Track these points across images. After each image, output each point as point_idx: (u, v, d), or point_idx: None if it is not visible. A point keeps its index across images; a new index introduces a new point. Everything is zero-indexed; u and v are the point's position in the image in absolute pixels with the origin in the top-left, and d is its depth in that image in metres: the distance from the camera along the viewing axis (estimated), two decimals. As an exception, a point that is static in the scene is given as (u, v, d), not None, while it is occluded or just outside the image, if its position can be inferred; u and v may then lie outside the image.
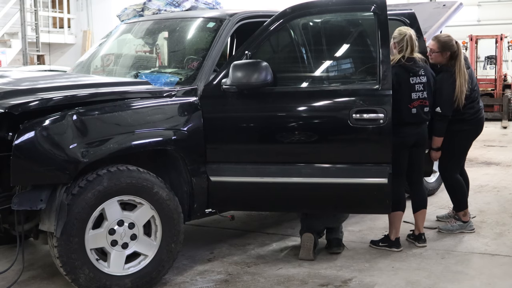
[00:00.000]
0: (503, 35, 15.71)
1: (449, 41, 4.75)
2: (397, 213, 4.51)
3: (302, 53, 4.52)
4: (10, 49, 13.33)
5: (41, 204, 3.42)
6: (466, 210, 5.05)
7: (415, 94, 4.40)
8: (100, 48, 5.10)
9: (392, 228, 4.58)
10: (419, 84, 4.42)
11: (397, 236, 4.58)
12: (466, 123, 4.82)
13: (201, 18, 4.63)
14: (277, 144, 4.07)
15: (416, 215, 4.71)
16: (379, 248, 4.59)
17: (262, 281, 4.00)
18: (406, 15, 5.08)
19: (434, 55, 4.79)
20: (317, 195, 4.09)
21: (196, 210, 4.06)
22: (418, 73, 4.42)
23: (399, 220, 4.57)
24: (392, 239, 4.58)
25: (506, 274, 4.13)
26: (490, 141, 10.72)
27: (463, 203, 5.05)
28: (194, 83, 4.04)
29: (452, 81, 4.67)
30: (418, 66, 4.43)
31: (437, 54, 4.77)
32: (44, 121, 3.38)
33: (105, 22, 13.40)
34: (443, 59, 4.77)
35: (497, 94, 15.29)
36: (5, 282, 3.83)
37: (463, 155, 5.06)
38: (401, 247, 4.56)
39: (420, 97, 4.42)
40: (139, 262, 3.75)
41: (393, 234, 4.58)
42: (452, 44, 4.75)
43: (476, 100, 4.88)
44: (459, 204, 5.06)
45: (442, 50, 4.74)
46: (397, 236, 4.57)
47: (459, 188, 5.03)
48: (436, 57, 4.79)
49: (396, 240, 4.57)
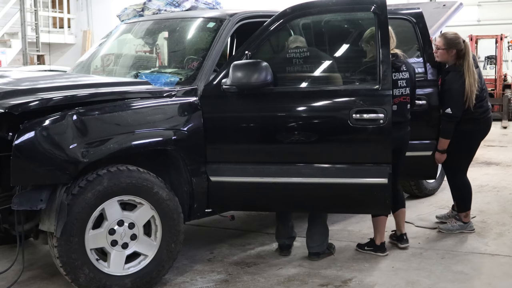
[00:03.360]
0: (503, 35, 15.73)
1: (455, 38, 4.71)
2: (381, 217, 4.45)
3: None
4: (10, 49, 13.34)
5: (41, 204, 3.42)
6: (468, 212, 5.02)
7: (398, 90, 4.35)
8: (100, 48, 5.10)
9: (377, 232, 4.50)
10: (401, 80, 4.38)
11: (382, 240, 4.49)
12: (475, 123, 4.75)
13: (201, 18, 4.63)
14: (277, 144, 4.07)
15: (396, 215, 4.64)
16: (365, 252, 4.51)
17: (262, 281, 4.00)
18: (413, 15, 5.08)
19: (440, 52, 4.75)
20: (317, 195, 4.08)
21: (196, 210, 4.06)
22: (400, 68, 4.39)
23: (383, 224, 4.49)
24: (377, 243, 4.49)
25: (506, 274, 4.13)
26: (490, 141, 10.71)
27: (467, 205, 5.00)
28: (194, 83, 4.04)
29: (462, 81, 4.61)
30: (400, 62, 4.41)
31: (442, 52, 4.74)
32: (44, 121, 3.38)
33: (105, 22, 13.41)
34: (449, 57, 4.73)
35: (497, 94, 15.30)
36: (5, 282, 3.83)
37: (471, 156, 4.97)
38: (386, 251, 4.49)
39: (403, 94, 4.38)
40: (139, 262, 3.75)
41: (378, 238, 4.49)
42: (458, 42, 4.70)
43: (485, 100, 4.81)
44: (463, 205, 5.00)
45: (448, 47, 4.71)
46: (382, 240, 4.49)
47: (466, 191, 4.97)
48: (442, 55, 4.75)
49: (382, 245, 4.49)
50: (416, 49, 5.17)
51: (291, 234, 4.51)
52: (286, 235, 4.48)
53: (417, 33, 5.06)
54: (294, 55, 4.17)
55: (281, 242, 4.50)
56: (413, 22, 5.05)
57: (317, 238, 4.36)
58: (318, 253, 4.36)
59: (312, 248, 4.36)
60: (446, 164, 4.98)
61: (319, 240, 4.36)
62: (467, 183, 4.98)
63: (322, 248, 4.38)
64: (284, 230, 4.48)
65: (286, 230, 4.48)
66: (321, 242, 4.37)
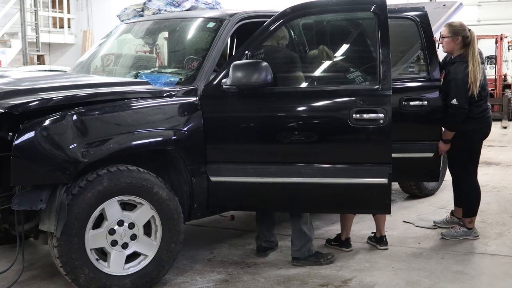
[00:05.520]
0: (503, 35, 15.72)
1: (460, 25, 4.72)
2: (349, 215, 4.58)
3: (302, 53, 4.53)
4: (10, 49, 13.34)
5: (41, 204, 3.42)
6: (473, 218, 4.93)
7: None
8: (100, 48, 5.10)
9: (343, 229, 4.62)
10: None
11: (348, 236, 4.61)
12: (473, 123, 4.70)
13: (201, 18, 4.63)
14: (277, 144, 4.07)
15: (376, 217, 4.67)
16: (331, 246, 4.63)
17: (262, 281, 4.00)
18: (419, 16, 5.08)
19: (446, 41, 4.74)
20: (317, 195, 4.08)
21: (196, 210, 4.06)
22: None
23: (350, 221, 4.61)
24: (342, 239, 4.61)
25: (506, 274, 4.13)
26: (490, 141, 10.70)
27: (474, 211, 4.91)
28: (194, 83, 4.04)
29: (467, 72, 4.59)
30: None
31: (448, 40, 4.72)
32: (44, 121, 3.38)
33: (105, 22, 13.40)
34: (455, 45, 4.72)
35: (497, 94, 15.30)
36: (5, 282, 3.83)
37: (476, 158, 4.87)
38: (351, 247, 4.59)
39: None
40: (139, 262, 3.75)
41: (344, 234, 4.62)
42: (463, 29, 4.70)
43: (484, 100, 4.78)
44: (470, 211, 4.91)
45: (454, 35, 4.70)
46: (347, 236, 4.61)
47: (475, 195, 4.90)
48: (447, 43, 4.74)
49: (346, 240, 4.60)
50: (419, 49, 5.16)
51: (269, 238, 4.54)
52: (263, 238, 4.53)
53: (421, 33, 5.06)
54: None
55: (258, 243, 4.56)
56: (418, 22, 5.04)
57: (295, 243, 4.31)
58: (297, 258, 4.29)
59: (292, 253, 4.34)
60: (454, 169, 4.96)
61: (297, 245, 4.28)
62: (477, 187, 4.89)
63: (302, 254, 4.28)
64: (261, 232, 4.54)
65: (263, 233, 4.53)
66: (299, 248, 4.28)
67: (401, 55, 5.39)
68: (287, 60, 4.36)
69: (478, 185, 4.91)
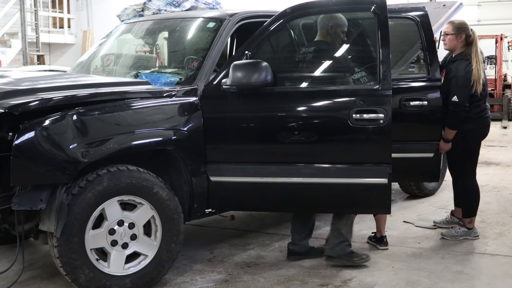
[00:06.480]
0: (503, 35, 15.73)
1: (463, 24, 4.72)
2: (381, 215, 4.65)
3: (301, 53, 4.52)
4: (10, 49, 13.34)
5: (41, 204, 3.42)
6: (473, 218, 4.93)
7: None
8: (100, 48, 5.10)
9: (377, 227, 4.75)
10: None
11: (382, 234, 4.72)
12: (472, 122, 4.69)
13: (201, 18, 4.63)
14: (277, 144, 4.07)
15: (377, 218, 4.68)
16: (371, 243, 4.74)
17: (262, 281, 4.00)
18: (419, 16, 5.07)
19: (449, 38, 4.73)
20: (317, 195, 4.08)
21: (196, 210, 4.06)
22: None
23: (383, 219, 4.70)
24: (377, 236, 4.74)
25: (506, 274, 4.13)
26: (490, 141, 10.72)
27: (474, 211, 4.91)
28: (194, 83, 4.04)
29: (468, 69, 4.59)
30: None
31: (451, 37, 4.71)
32: (44, 121, 3.38)
33: (105, 22, 13.41)
34: (458, 43, 4.71)
35: (497, 94, 15.30)
36: (5, 282, 3.83)
37: (475, 158, 4.86)
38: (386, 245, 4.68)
39: None
40: (139, 262, 3.75)
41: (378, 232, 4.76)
42: (466, 27, 4.70)
43: (483, 100, 4.77)
44: (469, 211, 4.91)
45: (457, 32, 4.69)
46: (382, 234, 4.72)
47: (474, 195, 4.90)
48: (450, 41, 4.73)
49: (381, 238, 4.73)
50: (420, 49, 5.16)
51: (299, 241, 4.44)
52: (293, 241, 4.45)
53: (421, 33, 5.05)
54: None
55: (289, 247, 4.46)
56: (418, 22, 5.04)
57: (330, 241, 4.31)
58: (331, 256, 4.30)
59: (326, 251, 4.34)
60: (453, 169, 4.96)
61: (332, 244, 4.29)
62: (476, 187, 4.89)
63: (335, 252, 4.27)
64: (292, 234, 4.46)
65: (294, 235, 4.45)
66: (332, 246, 4.28)
67: (401, 55, 5.39)
68: None
69: (477, 185, 4.91)
